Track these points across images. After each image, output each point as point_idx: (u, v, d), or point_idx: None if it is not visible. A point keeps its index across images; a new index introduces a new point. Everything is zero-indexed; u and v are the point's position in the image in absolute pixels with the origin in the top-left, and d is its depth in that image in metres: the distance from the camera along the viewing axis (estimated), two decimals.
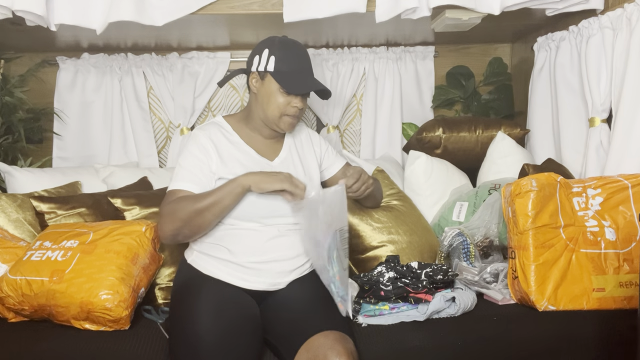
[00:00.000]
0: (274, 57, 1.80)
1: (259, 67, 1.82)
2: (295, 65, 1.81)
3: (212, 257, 1.77)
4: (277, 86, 1.79)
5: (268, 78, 1.81)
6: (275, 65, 1.79)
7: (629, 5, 2.06)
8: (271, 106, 1.81)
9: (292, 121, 1.84)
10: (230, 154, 1.81)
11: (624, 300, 1.81)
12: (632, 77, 2.05)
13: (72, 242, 1.87)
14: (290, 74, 1.80)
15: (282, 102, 1.80)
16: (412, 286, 1.77)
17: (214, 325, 1.59)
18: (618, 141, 2.10)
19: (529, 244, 1.84)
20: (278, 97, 1.80)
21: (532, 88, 2.64)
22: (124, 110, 2.88)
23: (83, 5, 2.10)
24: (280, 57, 1.80)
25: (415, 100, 3.02)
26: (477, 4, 2.18)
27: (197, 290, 1.71)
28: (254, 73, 1.84)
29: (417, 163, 2.45)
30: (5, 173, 2.40)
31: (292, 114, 1.82)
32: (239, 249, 1.75)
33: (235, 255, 1.75)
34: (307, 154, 1.96)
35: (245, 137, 1.87)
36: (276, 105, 1.80)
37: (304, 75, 1.83)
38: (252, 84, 1.85)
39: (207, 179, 1.76)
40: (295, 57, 1.83)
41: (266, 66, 1.80)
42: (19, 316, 1.85)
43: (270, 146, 1.89)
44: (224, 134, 1.85)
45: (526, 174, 2.29)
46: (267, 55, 1.81)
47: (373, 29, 2.64)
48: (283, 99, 1.80)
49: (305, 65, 1.84)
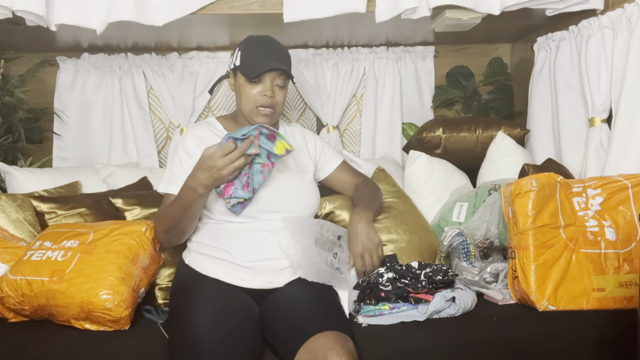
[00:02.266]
0: (240, 52, 1.86)
1: (231, 65, 1.88)
2: (258, 54, 1.83)
3: (208, 257, 1.78)
4: (243, 78, 1.83)
5: (238, 74, 1.86)
6: (241, 59, 1.84)
7: (629, 5, 2.06)
8: (243, 99, 1.85)
9: (265, 112, 1.84)
10: None
11: (624, 300, 1.81)
12: (632, 77, 2.05)
13: (72, 242, 1.87)
14: (252, 62, 1.82)
15: (251, 93, 1.82)
16: (411, 286, 1.77)
17: (214, 326, 1.59)
18: (618, 141, 2.10)
19: (529, 244, 1.84)
20: (247, 89, 1.83)
21: (532, 88, 2.64)
22: (124, 110, 2.88)
23: (83, 5, 2.10)
24: (245, 49, 1.85)
25: (415, 100, 3.02)
26: (477, 4, 2.18)
27: (195, 290, 1.71)
28: (230, 72, 1.90)
29: (417, 163, 2.45)
30: (5, 173, 2.40)
31: (263, 103, 1.83)
32: (234, 248, 1.76)
33: (232, 255, 1.76)
34: (301, 155, 1.96)
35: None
36: (247, 98, 1.83)
37: (265, 61, 1.82)
38: (230, 83, 1.92)
39: None
40: (260, 47, 1.85)
41: (234, 61, 1.86)
42: (19, 316, 1.85)
43: None
44: (213, 132, 1.88)
45: (526, 174, 2.29)
46: (236, 52, 1.88)
47: (373, 29, 2.64)
48: (250, 88, 1.82)
49: (270, 52, 1.85)
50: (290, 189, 1.85)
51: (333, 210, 2.15)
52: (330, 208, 2.15)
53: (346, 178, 2.10)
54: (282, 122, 2.07)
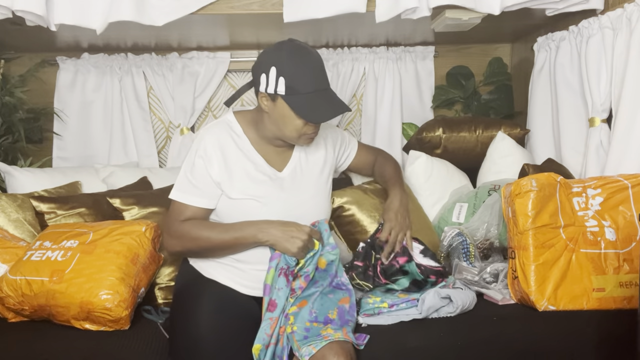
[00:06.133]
0: (283, 79, 1.60)
1: (267, 89, 1.63)
2: (309, 85, 1.62)
3: (214, 262, 1.76)
4: (291, 110, 1.63)
5: (280, 101, 1.64)
6: (287, 88, 1.61)
7: (629, 5, 2.06)
8: (288, 128, 1.67)
9: (311, 138, 1.74)
10: (237, 163, 1.73)
11: (624, 300, 1.81)
12: (632, 77, 2.04)
13: (72, 242, 1.87)
14: (306, 99, 1.62)
15: (299, 125, 1.66)
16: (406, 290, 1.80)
17: (214, 326, 1.59)
18: (618, 141, 2.10)
19: (529, 244, 1.84)
20: (294, 120, 1.65)
21: (532, 88, 2.64)
22: (124, 110, 2.88)
23: (83, 5, 2.09)
24: (291, 77, 1.60)
25: (415, 100, 3.02)
26: (477, 4, 2.18)
27: (198, 291, 1.71)
28: (263, 93, 1.66)
29: (417, 163, 2.45)
30: (5, 173, 2.40)
31: (312, 132, 1.70)
32: (243, 257, 1.73)
33: (240, 262, 1.74)
34: (317, 161, 1.86)
35: (255, 143, 1.77)
36: (293, 128, 1.67)
37: (321, 97, 1.65)
38: (262, 102, 1.68)
39: (212, 191, 1.72)
40: (308, 74, 1.63)
41: (276, 89, 1.62)
42: (19, 316, 1.85)
43: (280, 155, 1.80)
44: (232, 138, 1.74)
45: (526, 174, 2.29)
46: (275, 76, 1.61)
47: (373, 29, 2.64)
48: (300, 121, 1.65)
49: (320, 80, 1.65)
50: (303, 202, 1.79)
51: (342, 205, 2.17)
52: (339, 203, 2.17)
53: (365, 159, 2.10)
54: None
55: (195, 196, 1.71)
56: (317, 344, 1.53)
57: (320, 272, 1.73)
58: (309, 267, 1.69)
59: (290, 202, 1.75)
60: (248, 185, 1.72)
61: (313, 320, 1.62)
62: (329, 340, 1.53)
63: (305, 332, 1.59)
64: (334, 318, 1.64)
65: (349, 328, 1.64)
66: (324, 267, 1.73)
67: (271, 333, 1.59)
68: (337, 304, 1.67)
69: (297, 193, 1.78)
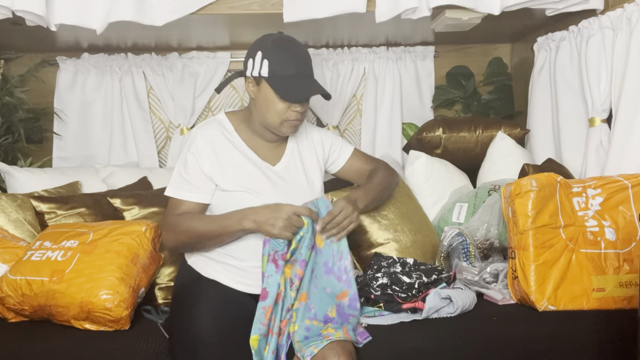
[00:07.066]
0: (267, 61, 1.69)
1: (253, 72, 1.72)
2: (291, 68, 1.71)
3: (213, 260, 1.76)
4: (273, 92, 1.70)
5: (263, 84, 1.71)
6: (270, 70, 1.69)
7: (629, 5, 2.06)
8: (270, 112, 1.73)
9: (293, 125, 1.76)
10: (230, 159, 1.76)
11: (624, 300, 1.81)
12: (632, 77, 2.05)
13: (72, 242, 1.87)
14: (286, 79, 1.70)
15: (281, 108, 1.71)
16: (401, 296, 1.78)
17: (214, 326, 1.59)
18: (618, 141, 2.10)
19: (529, 244, 1.84)
20: (276, 104, 1.71)
21: (532, 88, 2.64)
22: (124, 110, 2.88)
23: (83, 5, 2.10)
24: (274, 60, 1.69)
25: (415, 100, 3.02)
26: (477, 4, 2.18)
27: (198, 291, 1.71)
28: (250, 78, 1.74)
29: (417, 163, 2.45)
30: (5, 173, 2.40)
31: (293, 118, 1.74)
32: (240, 254, 1.74)
33: (238, 260, 1.74)
34: (310, 157, 1.90)
35: (247, 140, 1.81)
36: (275, 112, 1.72)
37: (301, 80, 1.72)
38: (249, 88, 1.76)
39: (205, 185, 1.74)
40: (290, 58, 1.72)
41: (260, 71, 1.70)
42: (19, 316, 1.85)
43: (273, 150, 1.83)
44: (224, 135, 1.79)
45: (526, 174, 2.29)
46: (260, 59, 1.70)
47: (373, 29, 2.64)
48: (282, 104, 1.70)
49: (303, 66, 1.74)
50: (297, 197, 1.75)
51: None
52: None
53: (359, 166, 2.00)
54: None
55: (189, 191, 1.74)
56: (319, 344, 1.53)
57: (318, 250, 1.68)
58: (302, 250, 1.65)
59: (283, 196, 1.74)
60: (241, 177, 1.74)
61: (313, 318, 1.62)
62: (329, 340, 1.53)
63: (306, 332, 1.59)
64: (333, 317, 1.64)
65: (350, 325, 1.63)
66: (322, 246, 1.68)
67: (267, 322, 1.59)
68: (336, 301, 1.66)
69: (291, 187, 1.79)
